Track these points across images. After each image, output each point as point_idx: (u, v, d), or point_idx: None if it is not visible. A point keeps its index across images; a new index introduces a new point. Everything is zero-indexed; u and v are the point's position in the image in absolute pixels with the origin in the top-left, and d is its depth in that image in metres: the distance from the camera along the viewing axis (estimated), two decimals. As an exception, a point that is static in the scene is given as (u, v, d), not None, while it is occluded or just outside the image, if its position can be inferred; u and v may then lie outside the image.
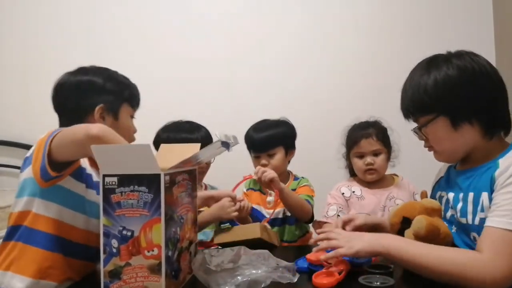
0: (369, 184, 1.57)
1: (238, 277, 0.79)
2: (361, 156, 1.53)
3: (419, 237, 0.93)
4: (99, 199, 1.07)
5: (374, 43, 2.38)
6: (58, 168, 0.98)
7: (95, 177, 1.13)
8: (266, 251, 0.91)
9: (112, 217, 0.80)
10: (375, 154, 1.52)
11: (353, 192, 1.55)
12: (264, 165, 1.56)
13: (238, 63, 2.38)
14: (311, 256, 0.98)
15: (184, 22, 2.40)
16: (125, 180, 0.80)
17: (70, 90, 1.16)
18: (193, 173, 1.02)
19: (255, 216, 1.61)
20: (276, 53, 2.39)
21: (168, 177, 0.82)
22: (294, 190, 1.62)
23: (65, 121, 1.16)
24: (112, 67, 1.24)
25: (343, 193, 1.56)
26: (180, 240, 0.90)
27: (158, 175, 0.79)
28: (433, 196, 1.14)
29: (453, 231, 0.99)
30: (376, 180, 1.55)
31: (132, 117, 1.25)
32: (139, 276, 0.80)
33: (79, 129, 0.93)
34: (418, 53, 1.05)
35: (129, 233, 0.80)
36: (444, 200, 1.06)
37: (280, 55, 2.39)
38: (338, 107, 2.30)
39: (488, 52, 1.03)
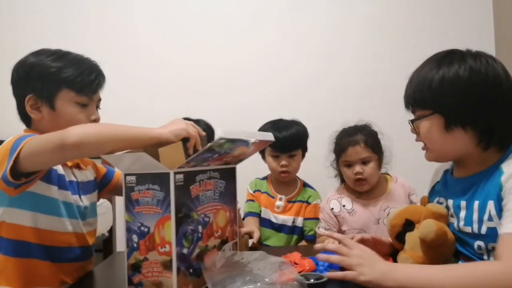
0: (360, 194, 1.44)
1: (237, 283, 0.75)
2: (350, 165, 1.41)
3: (426, 241, 0.90)
4: (74, 199, 1.08)
5: (373, 43, 2.39)
6: (26, 174, 0.91)
7: (68, 177, 1.08)
8: (282, 260, 0.84)
9: (133, 213, 0.85)
10: (364, 162, 1.39)
11: (343, 206, 1.45)
12: (284, 166, 1.53)
13: (238, 63, 2.37)
14: (286, 257, 0.99)
15: (184, 23, 2.42)
16: (142, 178, 0.84)
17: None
18: (228, 172, 1.01)
19: (262, 219, 1.58)
20: (275, 53, 2.39)
21: (182, 175, 0.84)
22: (303, 201, 1.58)
23: (21, 117, 1.09)
24: (113, 68, 1.20)
25: (332, 209, 1.45)
26: (203, 239, 0.90)
27: (167, 174, 0.81)
28: (430, 202, 1.05)
29: None
30: (372, 187, 1.44)
31: (83, 104, 1.06)
32: (154, 271, 0.83)
33: (51, 139, 0.86)
34: (417, 53, 1.03)
35: (146, 229, 0.84)
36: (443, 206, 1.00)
37: (279, 56, 2.39)
38: (337, 108, 2.28)
39: (488, 52, 0.94)
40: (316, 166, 1.50)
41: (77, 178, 1.14)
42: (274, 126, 1.56)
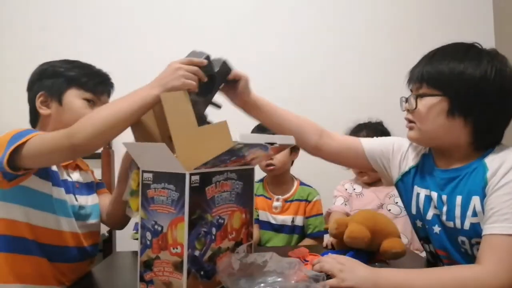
0: (370, 184, 1.62)
1: (261, 284, 0.74)
2: None
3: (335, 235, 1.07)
4: (68, 197, 1.08)
5: (376, 42, 2.42)
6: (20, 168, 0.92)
7: (61, 176, 1.08)
8: (298, 260, 0.83)
9: (148, 211, 0.85)
10: None
11: (354, 189, 1.62)
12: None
13: (242, 62, 2.27)
14: (293, 253, 1.06)
15: (184, 20, 2.36)
16: (158, 177, 0.83)
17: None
18: (247, 173, 1.00)
19: (261, 222, 1.58)
20: (280, 52, 2.37)
21: (198, 177, 0.82)
22: (302, 199, 1.60)
23: (31, 118, 1.15)
24: (112, 67, 1.22)
25: (346, 189, 1.64)
26: (216, 241, 0.89)
27: (184, 175, 0.80)
28: (402, 188, 1.07)
29: (435, 231, 0.97)
30: (374, 180, 1.59)
31: (90, 100, 1.11)
32: (165, 271, 0.82)
33: (57, 141, 0.88)
34: (419, 53, 1.02)
35: (159, 228, 0.83)
36: (422, 197, 1.00)
37: (286, 55, 2.37)
38: (344, 107, 2.31)
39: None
40: (314, 164, 1.51)
41: (71, 178, 1.14)
42: (260, 125, 1.55)
